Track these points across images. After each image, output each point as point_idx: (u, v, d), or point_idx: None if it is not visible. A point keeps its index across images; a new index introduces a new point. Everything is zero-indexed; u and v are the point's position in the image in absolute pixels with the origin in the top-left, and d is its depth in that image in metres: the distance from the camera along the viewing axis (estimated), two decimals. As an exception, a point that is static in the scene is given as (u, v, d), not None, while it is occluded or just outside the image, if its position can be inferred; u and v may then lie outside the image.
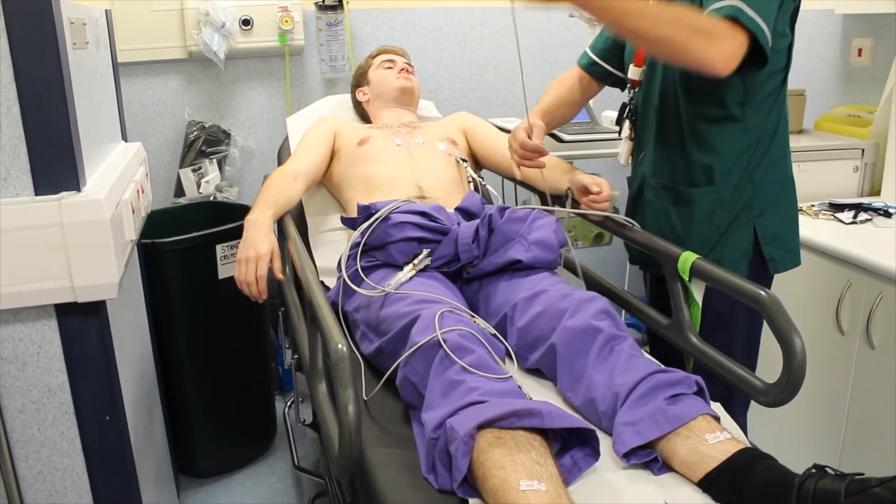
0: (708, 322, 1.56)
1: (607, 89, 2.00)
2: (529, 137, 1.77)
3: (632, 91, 1.78)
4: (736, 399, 1.62)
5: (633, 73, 1.75)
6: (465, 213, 1.78)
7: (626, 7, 1.35)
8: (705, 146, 1.65)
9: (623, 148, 1.87)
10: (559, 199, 1.94)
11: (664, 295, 1.64)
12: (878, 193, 2.50)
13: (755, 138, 1.63)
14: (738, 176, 1.64)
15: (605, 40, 1.91)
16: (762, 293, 1.33)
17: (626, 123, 1.83)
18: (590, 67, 1.95)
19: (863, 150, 2.52)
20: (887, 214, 2.28)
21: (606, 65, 1.91)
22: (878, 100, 2.53)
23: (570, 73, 2.01)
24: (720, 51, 1.38)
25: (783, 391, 1.28)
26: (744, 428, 1.70)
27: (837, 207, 2.36)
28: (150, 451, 1.88)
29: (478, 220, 1.70)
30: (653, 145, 1.76)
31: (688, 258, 1.51)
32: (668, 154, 1.72)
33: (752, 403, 1.69)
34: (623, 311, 1.91)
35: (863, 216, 2.28)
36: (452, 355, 1.28)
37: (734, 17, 1.40)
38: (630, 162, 1.89)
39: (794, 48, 1.62)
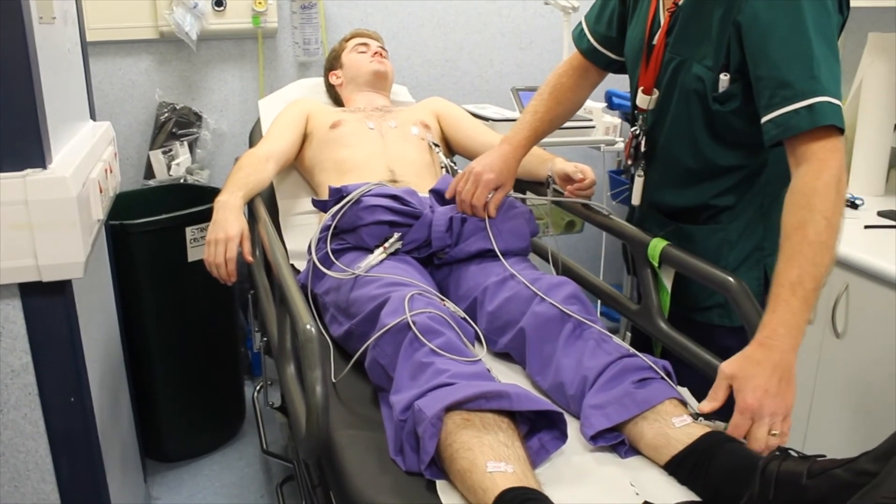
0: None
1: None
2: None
3: (640, 117, 1.58)
4: None
5: (642, 100, 1.55)
6: (440, 195, 1.78)
7: (800, 286, 1.19)
8: (717, 185, 1.50)
9: (636, 186, 1.63)
10: (534, 186, 1.95)
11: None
12: (845, 185, 2.52)
13: (774, 174, 1.47)
14: (750, 216, 1.50)
15: (606, 23, 1.68)
16: (730, 279, 1.34)
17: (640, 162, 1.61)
18: (591, 54, 1.73)
19: (832, 142, 2.54)
20: (854, 206, 2.30)
21: (610, 53, 1.70)
22: (847, 93, 2.55)
23: (570, 68, 1.76)
24: (843, 176, 1.23)
25: (749, 376, 1.29)
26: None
27: (806, 198, 2.38)
28: (116, 434, 1.86)
29: (450, 208, 1.70)
30: (661, 179, 1.60)
31: (657, 244, 1.51)
32: (672, 188, 1.57)
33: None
34: (599, 302, 1.91)
35: (830, 207, 2.30)
36: (422, 337, 1.28)
37: (822, 126, 1.23)
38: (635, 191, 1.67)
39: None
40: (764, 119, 1.30)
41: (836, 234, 1.23)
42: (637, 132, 1.59)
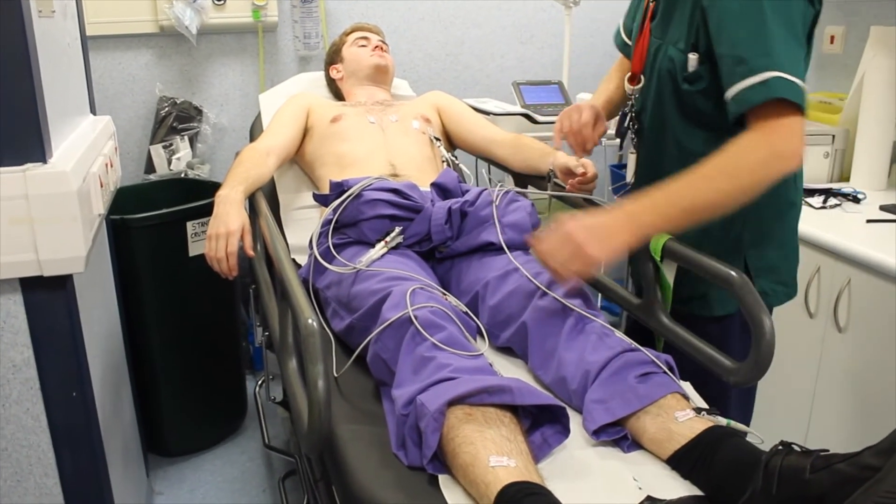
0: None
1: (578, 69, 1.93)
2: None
3: (631, 97, 1.64)
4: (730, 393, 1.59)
5: (629, 88, 1.63)
6: (441, 189, 1.77)
7: (672, 199, 1.31)
8: None
9: (630, 162, 1.70)
10: (535, 180, 1.94)
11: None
12: (847, 179, 2.53)
13: None
14: None
15: (632, 17, 1.72)
16: (732, 273, 1.33)
17: (629, 135, 1.67)
18: (623, 49, 1.79)
19: (833, 136, 2.54)
20: (856, 200, 2.30)
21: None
22: (849, 87, 2.55)
23: (623, 59, 1.82)
24: (794, 156, 1.29)
25: (752, 371, 1.29)
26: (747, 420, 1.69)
27: (808, 192, 2.38)
28: (118, 428, 1.86)
29: (451, 201, 1.70)
30: (646, 169, 1.67)
31: (660, 239, 1.51)
32: (655, 177, 1.56)
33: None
34: (599, 295, 1.91)
35: (832, 201, 2.30)
36: (423, 332, 1.28)
37: (777, 98, 1.27)
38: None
39: (809, 60, 1.42)
40: (726, 97, 1.35)
41: (737, 190, 1.30)
42: (627, 110, 1.66)
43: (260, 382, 2.63)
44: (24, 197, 1.27)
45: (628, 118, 1.66)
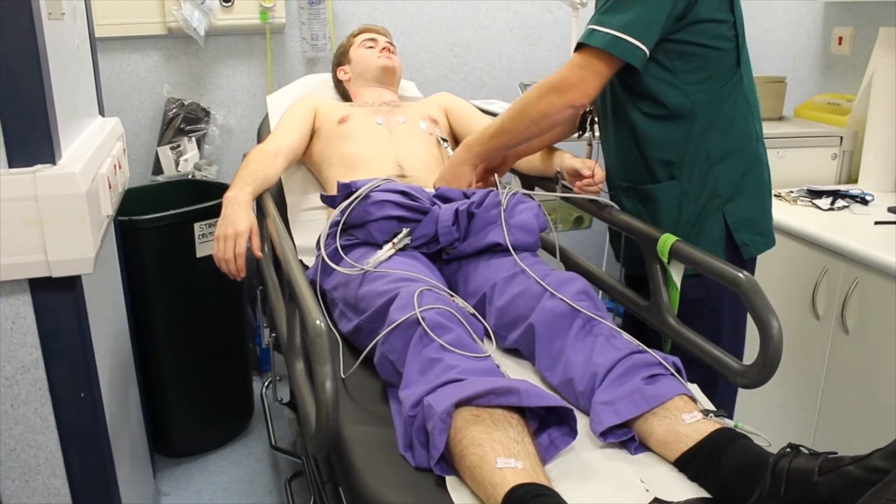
0: (687, 311, 1.55)
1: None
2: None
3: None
4: (722, 388, 1.63)
5: None
6: (444, 199, 1.77)
7: (491, 129, 1.72)
8: (658, 143, 1.64)
9: (585, 154, 1.93)
10: (541, 181, 1.94)
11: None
12: (855, 181, 2.52)
13: (709, 126, 1.61)
14: (700, 167, 1.63)
15: None
16: (740, 275, 1.33)
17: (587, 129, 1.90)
18: None
19: (841, 137, 2.54)
20: (864, 202, 2.30)
21: None
22: (858, 88, 2.54)
23: None
24: (569, 89, 1.55)
25: (760, 373, 1.29)
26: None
27: (815, 194, 2.38)
28: (125, 429, 1.86)
29: (458, 203, 1.70)
30: (613, 148, 1.78)
31: (667, 240, 1.51)
32: (627, 156, 1.72)
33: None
34: (603, 294, 1.91)
35: (840, 203, 2.30)
36: (431, 333, 1.28)
37: (582, 45, 1.53)
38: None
39: (741, 27, 1.61)
40: None
41: (527, 117, 1.63)
42: (588, 108, 1.85)
43: (267, 383, 2.63)
44: (33, 198, 1.27)
45: (589, 117, 1.87)
